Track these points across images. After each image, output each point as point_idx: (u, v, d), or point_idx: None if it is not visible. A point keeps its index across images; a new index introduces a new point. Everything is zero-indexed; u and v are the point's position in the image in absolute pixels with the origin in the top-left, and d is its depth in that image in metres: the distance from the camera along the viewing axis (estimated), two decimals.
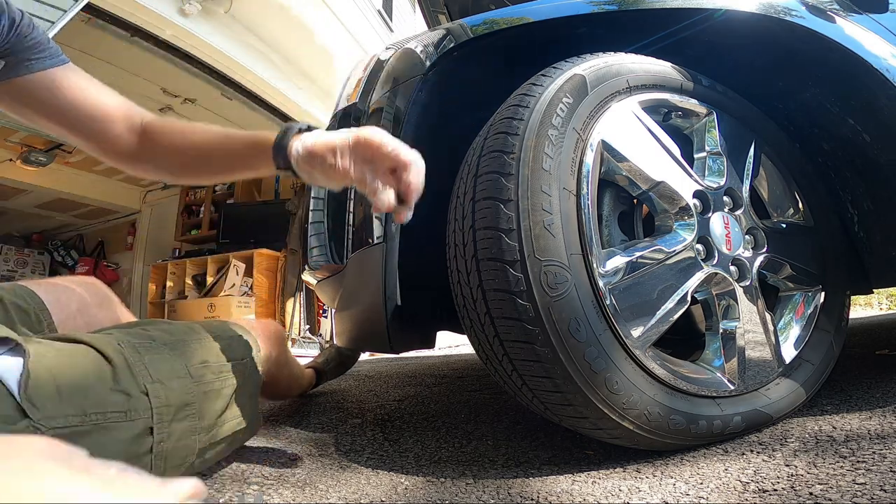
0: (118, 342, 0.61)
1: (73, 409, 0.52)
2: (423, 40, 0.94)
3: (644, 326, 0.70)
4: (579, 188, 0.71)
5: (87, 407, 0.53)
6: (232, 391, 0.72)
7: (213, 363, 0.70)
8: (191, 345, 0.69)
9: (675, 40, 0.91)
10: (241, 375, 0.74)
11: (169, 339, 0.67)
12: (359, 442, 0.94)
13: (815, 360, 0.86)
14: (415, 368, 2.20)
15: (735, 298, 0.80)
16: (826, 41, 0.82)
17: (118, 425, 0.55)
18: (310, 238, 1.05)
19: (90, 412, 0.53)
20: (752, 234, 0.86)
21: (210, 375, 0.68)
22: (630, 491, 0.60)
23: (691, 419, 0.70)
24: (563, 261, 0.65)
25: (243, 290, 4.54)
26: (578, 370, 0.64)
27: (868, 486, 0.53)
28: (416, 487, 0.68)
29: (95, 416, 0.53)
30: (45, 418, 0.49)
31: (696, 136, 0.89)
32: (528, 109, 0.72)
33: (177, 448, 0.62)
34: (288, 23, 3.89)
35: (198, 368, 0.67)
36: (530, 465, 0.73)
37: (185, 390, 0.63)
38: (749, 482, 0.58)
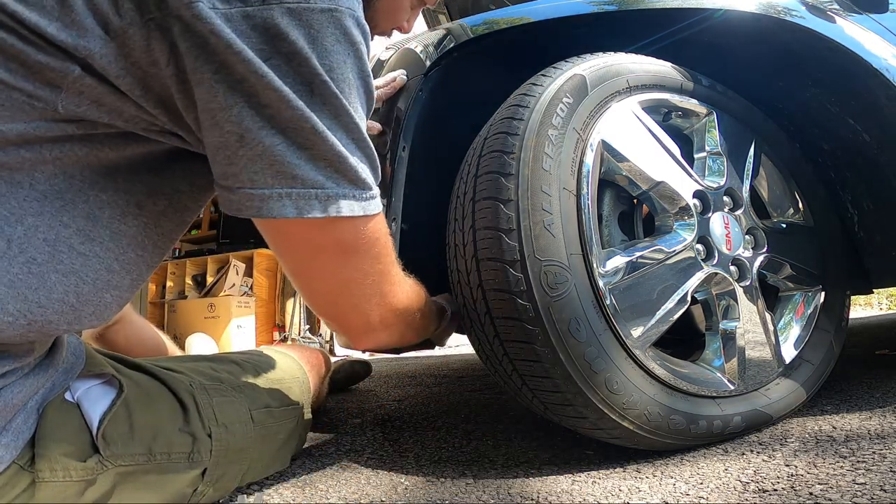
0: (190, 383, 0.61)
1: (140, 448, 0.52)
2: (423, 40, 0.94)
3: (644, 326, 0.70)
4: (579, 188, 0.71)
5: (155, 447, 0.53)
6: (286, 435, 0.73)
7: (274, 408, 0.71)
8: (256, 388, 0.70)
9: (675, 40, 0.91)
10: (295, 419, 0.75)
11: (236, 382, 0.68)
12: (359, 442, 0.94)
13: (815, 360, 0.86)
14: (415, 368, 2.20)
15: (735, 298, 0.80)
16: (826, 41, 0.82)
17: (179, 466, 0.55)
18: None
19: (157, 452, 0.53)
20: (752, 234, 0.86)
21: (270, 421, 0.69)
22: (630, 491, 0.60)
23: (691, 419, 0.70)
24: (563, 261, 0.65)
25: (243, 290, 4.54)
26: (578, 370, 0.64)
27: (868, 486, 0.53)
28: (416, 487, 0.68)
29: (161, 455, 0.54)
30: (113, 456, 0.49)
31: (696, 136, 0.89)
32: (528, 109, 0.72)
33: (220, 488, 0.62)
34: None
35: (261, 413, 0.67)
36: (530, 465, 0.73)
37: (244, 435, 0.63)
38: (749, 482, 0.58)
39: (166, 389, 0.58)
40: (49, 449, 0.46)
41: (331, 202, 0.43)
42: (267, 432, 0.68)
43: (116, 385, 0.53)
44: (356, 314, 0.55)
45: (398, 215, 0.85)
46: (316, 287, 0.53)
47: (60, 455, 0.46)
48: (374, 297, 0.54)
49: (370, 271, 0.52)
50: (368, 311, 0.55)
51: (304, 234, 0.46)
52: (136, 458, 0.51)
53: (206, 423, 0.59)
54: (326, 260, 0.49)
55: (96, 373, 0.53)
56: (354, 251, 0.49)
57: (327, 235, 0.46)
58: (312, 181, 0.42)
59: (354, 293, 0.53)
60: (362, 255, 0.50)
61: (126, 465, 0.50)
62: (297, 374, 0.80)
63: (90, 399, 0.51)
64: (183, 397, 0.58)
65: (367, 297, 0.53)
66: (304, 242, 0.47)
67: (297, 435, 0.77)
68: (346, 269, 0.50)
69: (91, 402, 0.50)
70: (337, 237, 0.47)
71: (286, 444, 0.74)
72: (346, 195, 0.44)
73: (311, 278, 0.52)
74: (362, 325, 0.57)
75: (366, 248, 0.49)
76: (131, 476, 0.51)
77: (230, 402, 0.64)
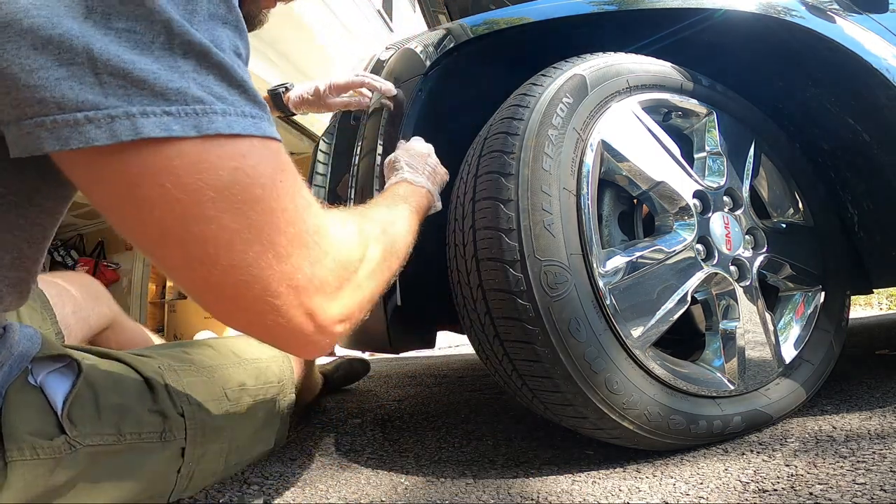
0: (159, 365, 0.61)
1: (109, 429, 0.52)
2: (423, 40, 0.94)
3: (644, 326, 0.70)
4: (579, 188, 0.71)
5: (124, 426, 0.53)
6: (266, 413, 0.73)
7: (250, 386, 0.71)
8: (229, 368, 0.70)
9: (675, 40, 0.91)
10: (275, 397, 0.75)
11: (209, 362, 0.68)
12: (359, 442, 0.94)
13: (815, 360, 0.86)
14: (415, 368, 2.20)
15: (735, 298, 0.80)
16: (826, 41, 0.82)
17: (152, 445, 0.55)
18: None
19: (126, 432, 0.53)
20: (752, 233, 0.86)
21: (247, 398, 0.69)
22: (630, 491, 0.60)
23: (691, 419, 0.70)
24: (563, 261, 0.65)
25: None
26: (578, 370, 0.64)
27: (868, 486, 0.53)
28: (416, 487, 0.68)
29: (131, 435, 0.54)
30: (80, 436, 0.49)
31: (696, 136, 0.89)
32: (528, 109, 0.72)
33: (203, 470, 0.62)
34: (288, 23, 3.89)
35: (235, 391, 0.67)
36: (530, 465, 0.73)
37: (220, 413, 0.64)
38: (749, 482, 0.58)
39: (134, 371, 0.58)
40: (15, 429, 0.46)
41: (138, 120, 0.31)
42: (244, 410, 0.68)
43: (76, 368, 0.53)
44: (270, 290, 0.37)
45: None
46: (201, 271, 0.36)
47: (27, 434, 0.46)
48: (285, 253, 0.37)
49: (252, 223, 0.35)
50: (286, 279, 0.38)
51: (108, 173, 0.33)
52: (105, 437, 0.51)
53: (176, 403, 0.59)
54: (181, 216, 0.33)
55: (54, 355, 0.52)
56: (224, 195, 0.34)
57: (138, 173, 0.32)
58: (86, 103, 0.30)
59: (247, 257, 0.35)
60: (230, 201, 0.34)
61: (95, 444, 0.50)
62: (275, 354, 0.80)
63: (52, 382, 0.51)
64: (150, 377, 0.58)
65: (270, 258, 0.36)
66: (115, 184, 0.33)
67: (279, 415, 0.77)
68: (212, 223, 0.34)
69: (53, 386, 0.50)
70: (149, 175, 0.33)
71: (268, 424, 0.74)
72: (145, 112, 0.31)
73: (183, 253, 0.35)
74: (296, 305, 0.39)
75: (240, 189, 0.34)
76: (104, 457, 0.51)
77: (202, 381, 0.64)
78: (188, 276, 0.37)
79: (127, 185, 0.33)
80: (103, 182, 0.33)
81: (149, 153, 0.32)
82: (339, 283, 0.42)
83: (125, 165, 0.32)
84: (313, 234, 0.40)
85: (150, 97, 0.32)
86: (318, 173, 1.07)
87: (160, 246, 0.35)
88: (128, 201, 0.33)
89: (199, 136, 0.33)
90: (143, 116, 0.31)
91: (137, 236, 0.35)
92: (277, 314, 0.38)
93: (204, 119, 0.33)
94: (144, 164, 0.32)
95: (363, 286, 0.46)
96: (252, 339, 0.81)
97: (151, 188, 0.33)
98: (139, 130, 0.31)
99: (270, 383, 0.75)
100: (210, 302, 0.38)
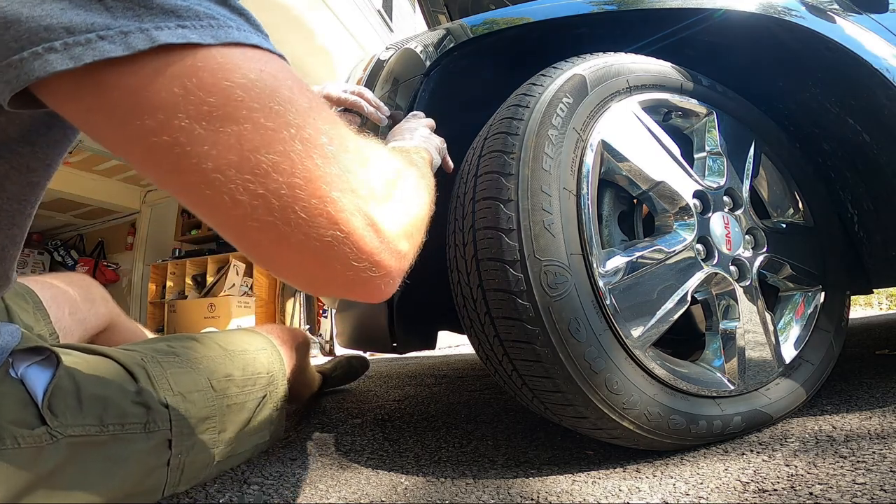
0: (142, 357, 0.61)
1: (91, 419, 0.52)
2: (424, 40, 0.94)
3: (644, 326, 0.70)
4: (579, 188, 0.71)
5: (106, 417, 0.53)
6: (256, 404, 0.73)
7: (237, 377, 0.71)
8: (215, 359, 0.70)
9: (676, 40, 0.91)
10: (265, 388, 0.75)
11: (193, 354, 0.68)
12: (359, 442, 0.94)
13: (815, 360, 0.86)
14: (415, 368, 2.20)
15: (735, 298, 0.80)
16: (826, 41, 0.82)
17: (135, 436, 0.56)
18: None
19: (108, 422, 0.53)
20: (752, 234, 0.86)
21: (234, 389, 0.69)
22: (630, 491, 0.60)
23: (691, 419, 0.70)
24: (563, 261, 0.65)
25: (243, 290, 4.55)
26: (578, 370, 0.64)
27: (868, 486, 0.53)
28: (416, 487, 0.68)
29: (113, 426, 0.54)
30: (61, 426, 0.50)
31: (696, 136, 0.89)
32: (528, 109, 0.72)
33: (194, 461, 0.62)
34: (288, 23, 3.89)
35: (221, 382, 0.67)
36: (530, 465, 0.73)
37: (206, 404, 0.64)
38: (749, 482, 0.58)
39: (116, 364, 0.59)
40: None
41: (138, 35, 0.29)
42: (232, 401, 0.68)
43: (55, 361, 0.53)
44: (336, 213, 0.33)
45: None
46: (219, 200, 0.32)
47: (7, 423, 0.47)
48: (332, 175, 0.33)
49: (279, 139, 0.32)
50: (345, 201, 0.34)
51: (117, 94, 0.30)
52: (88, 428, 0.52)
53: (159, 393, 0.59)
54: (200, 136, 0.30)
55: (32, 347, 0.53)
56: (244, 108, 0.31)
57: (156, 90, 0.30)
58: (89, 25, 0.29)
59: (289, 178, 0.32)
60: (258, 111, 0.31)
61: (77, 435, 0.51)
62: (263, 345, 0.80)
63: (32, 375, 0.51)
64: (133, 370, 0.59)
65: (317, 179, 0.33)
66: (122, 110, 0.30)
67: (270, 407, 0.77)
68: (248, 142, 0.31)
69: (33, 377, 0.51)
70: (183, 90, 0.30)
71: (259, 415, 0.74)
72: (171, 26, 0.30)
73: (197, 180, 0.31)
74: (360, 226, 0.34)
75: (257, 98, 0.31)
76: (87, 448, 0.52)
77: (186, 372, 0.64)
78: (226, 201, 0.32)
79: (147, 98, 0.30)
80: (119, 103, 0.30)
81: (168, 60, 0.30)
82: (387, 191, 0.38)
83: (143, 76, 0.30)
84: (350, 139, 0.36)
85: (161, 15, 0.30)
86: None
87: (187, 164, 0.31)
88: (149, 114, 0.30)
89: (218, 44, 0.31)
90: (156, 30, 0.30)
91: (161, 157, 0.31)
92: (337, 227, 0.33)
93: (220, 31, 0.32)
94: (165, 71, 0.30)
95: (408, 201, 0.40)
96: (238, 332, 0.81)
97: (174, 94, 0.30)
98: (155, 39, 0.29)
99: (259, 374, 0.74)
100: (252, 230, 0.32)
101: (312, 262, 0.34)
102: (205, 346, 0.72)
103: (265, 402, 0.75)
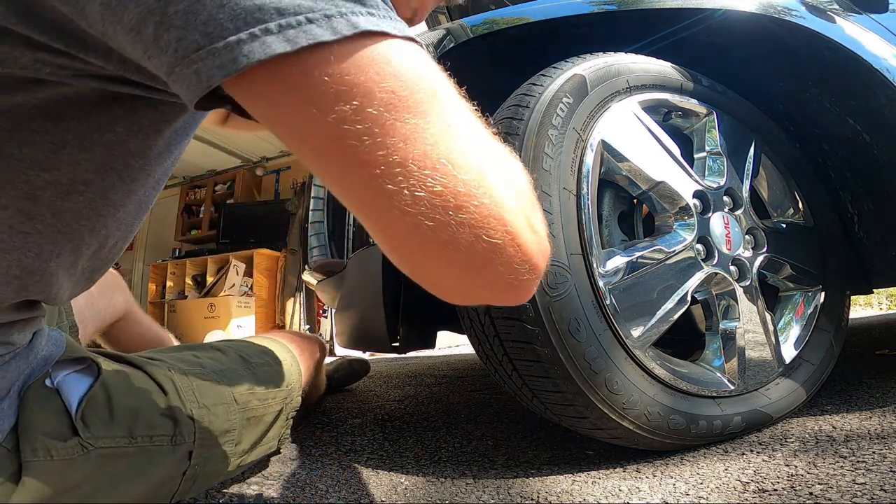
0: (169, 368, 0.61)
1: (121, 431, 0.52)
2: (423, 40, 0.94)
3: (644, 326, 0.70)
4: (579, 188, 0.71)
5: (136, 429, 0.53)
6: (273, 417, 0.73)
7: (259, 391, 0.70)
8: (238, 372, 0.70)
9: (676, 40, 0.91)
10: (283, 402, 0.75)
11: (218, 366, 0.68)
12: (359, 442, 0.94)
13: (815, 360, 0.86)
14: (415, 368, 2.20)
15: (735, 298, 0.80)
16: (826, 41, 0.82)
17: (162, 448, 0.55)
18: (310, 238, 1.05)
19: (138, 434, 0.53)
20: (752, 234, 0.86)
21: (255, 402, 0.69)
22: (630, 491, 0.60)
23: (691, 419, 0.70)
24: (563, 261, 0.65)
25: (243, 290, 4.55)
26: (578, 370, 0.64)
27: (868, 486, 0.53)
28: (416, 487, 0.68)
29: (142, 438, 0.54)
30: (93, 437, 0.49)
31: (696, 136, 0.89)
32: (528, 109, 0.72)
33: (208, 472, 0.62)
34: None
35: (244, 395, 0.67)
36: (530, 465, 0.73)
37: (228, 417, 0.63)
38: (749, 482, 0.58)
39: (145, 375, 0.58)
40: (31, 431, 0.46)
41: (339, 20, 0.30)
42: (252, 414, 0.68)
43: (95, 370, 0.53)
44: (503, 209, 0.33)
45: None
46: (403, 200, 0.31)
47: (41, 435, 0.46)
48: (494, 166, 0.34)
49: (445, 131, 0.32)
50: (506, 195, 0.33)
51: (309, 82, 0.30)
52: (118, 440, 0.51)
53: (186, 406, 0.59)
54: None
55: (75, 357, 0.53)
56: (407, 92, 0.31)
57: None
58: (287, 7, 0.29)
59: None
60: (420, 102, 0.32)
61: (107, 447, 0.50)
62: (284, 357, 0.81)
63: (69, 384, 0.51)
64: (162, 381, 0.58)
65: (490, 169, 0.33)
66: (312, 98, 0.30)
67: (284, 418, 0.77)
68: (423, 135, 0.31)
69: (70, 387, 0.51)
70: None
71: (274, 427, 0.74)
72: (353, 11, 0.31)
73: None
74: (521, 223, 0.34)
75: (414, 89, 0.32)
76: (114, 459, 0.51)
77: (211, 384, 0.64)
78: (408, 195, 0.31)
79: (348, 84, 0.30)
80: (318, 89, 0.30)
81: (366, 46, 0.30)
82: (529, 188, 0.37)
83: (347, 61, 0.30)
84: (489, 132, 0.36)
85: (351, 2, 0.31)
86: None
87: (376, 156, 0.31)
88: (346, 101, 0.30)
89: (401, 36, 0.32)
90: (353, 15, 0.30)
91: (349, 148, 0.30)
92: (506, 227, 0.32)
93: (399, 24, 0.33)
94: (365, 57, 0.30)
95: (538, 206, 0.38)
96: (260, 341, 0.81)
97: (372, 81, 0.30)
98: (356, 25, 0.30)
99: (279, 388, 0.75)
100: (423, 231, 0.32)
101: (476, 264, 0.33)
102: (228, 357, 0.72)
103: (281, 414, 0.75)
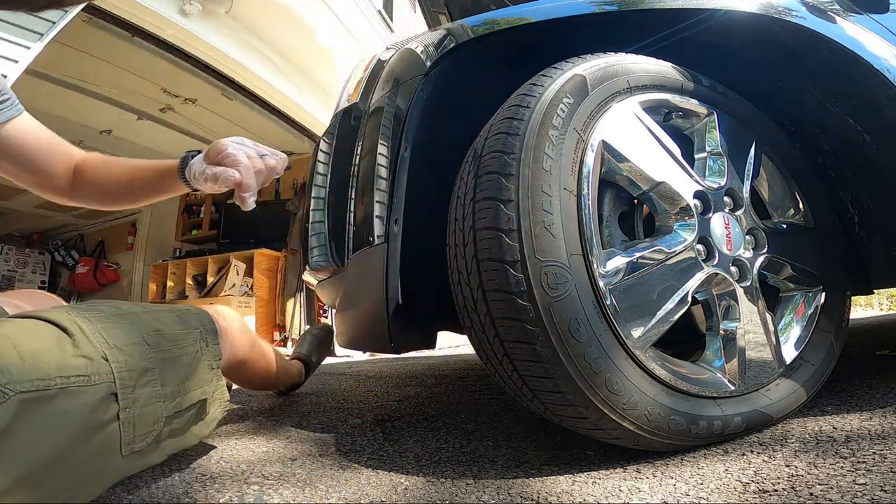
0: (68, 312, 0.62)
1: (38, 374, 0.53)
2: (424, 40, 0.94)
3: (644, 327, 0.70)
4: (580, 188, 0.71)
5: (52, 371, 0.54)
6: (190, 360, 0.73)
7: (166, 332, 0.71)
8: (140, 315, 0.70)
9: (676, 40, 0.91)
10: (196, 344, 0.75)
11: (117, 311, 0.68)
12: (359, 442, 0.94)
13: (815, 361, 0.86)
14: (415, 368, 2.20)
15: (735, 299, 0.80)
16: (826, 41, 0.82)
17: (82, 389, 0.56)
18: (310, 238, 1.05)
19: (54, 376, 0.54)
20: (752, 234, 0.86)
21: (165, 343, 0.69)
22: (630, 491, 0.60)
23: (692, 420, 0.70)
24: (564, 261, 0.65)
25: (243, 290, 4.55)
26: (579, 370, 0.64)
27: (868, 486, 0.53)
28: (416, 487, 0.68)
29: (60, 379, 0.54)
30: (11, 382, 0.50)
31: (697, 136, 0.89)
32: (528, 110, 0.72)
33: (143, 415, 0.62)
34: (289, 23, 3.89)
35: (152, 336, 0.68)
36: (530, 465, 0.73)
37: (142, 356, 0.64)
38: (749, 482, 0.58)
39: (47, 322, 0.59)
40: None
41: None
42: (166, 355, 0.68)
43: None
44: None
45: (400, 216, 0.85)
46: None
47: None
48: None
49: None
50: None
51: None
52: (36, 383, 0.52)
53: (97, 347, 0.59)
54: None
55: None
56: None
57: None
58: None
59: None
60: None
61: (26, 391, 0.51)
62: (187, 307, 0.81)
63: None
64: (66, 325, 0.59)
65: None
66: None
67: (206, 363, 0.77)
68: None
69: None
70: None
71: (198, 370, 0.74)
72: None
73: None
74: None
75: None
76: (36, 404, 0.52)
77: (116, 326, 0.64)
78: None
79: None
80: None
81: None
82: None
83: None
84: None
85: None
86: (319, 173, 1.07)
87: None
88: None
89: None
90: None
91: None
92: None
93: None
94: None
95: None
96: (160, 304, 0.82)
97: None
98: None
99: (188, 329, 0.75)
100: None
101: None
102: (129, 305, 0.72)
103: (199, 358, 0.75)
